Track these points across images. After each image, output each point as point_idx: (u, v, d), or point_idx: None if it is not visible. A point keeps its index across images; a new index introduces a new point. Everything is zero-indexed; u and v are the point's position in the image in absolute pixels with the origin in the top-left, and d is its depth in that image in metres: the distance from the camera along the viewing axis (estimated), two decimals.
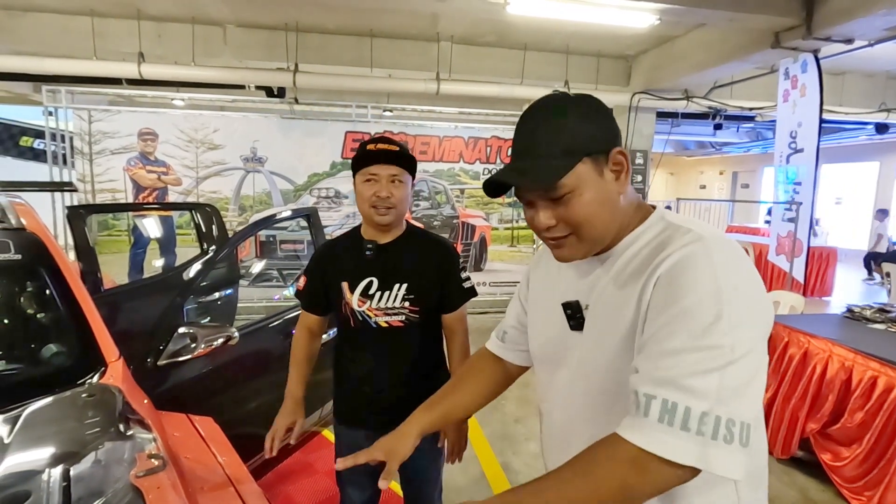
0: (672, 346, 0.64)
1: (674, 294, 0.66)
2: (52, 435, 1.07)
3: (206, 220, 2.82)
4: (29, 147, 9.25)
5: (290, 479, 2.49)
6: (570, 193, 0.73)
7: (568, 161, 0.73)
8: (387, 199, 1.31)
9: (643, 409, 0.63)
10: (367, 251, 1.37)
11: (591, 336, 0.79)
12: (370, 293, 1.37)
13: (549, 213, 0.76)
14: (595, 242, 0.78)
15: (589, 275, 0.82)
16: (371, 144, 1.34)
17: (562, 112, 0.75)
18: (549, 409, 0.92)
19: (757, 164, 13.68)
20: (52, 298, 1.39)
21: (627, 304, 0.73)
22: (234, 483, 1.18)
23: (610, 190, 0.76)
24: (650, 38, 5.62)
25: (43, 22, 4.94)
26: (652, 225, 0.78)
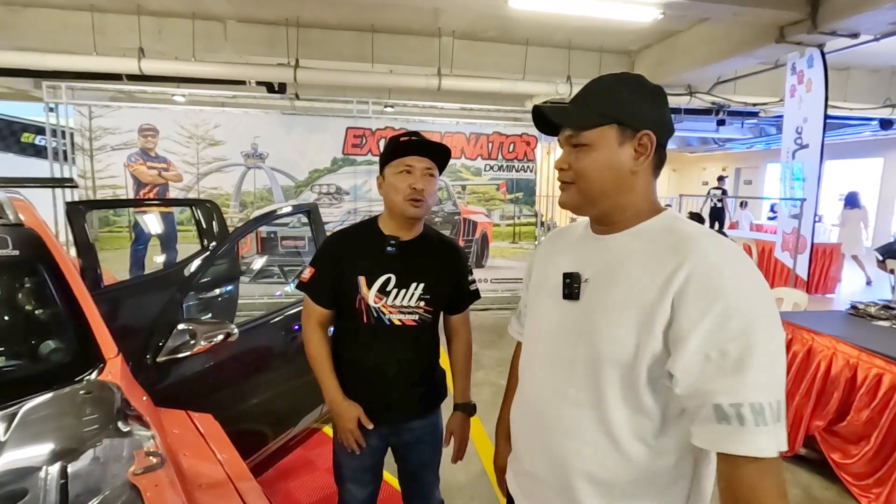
0: (732, 353, 0.69)
1: (715, 296, 0.71)
2: (50, 432, 1.06)
3: (207, 216, 2.81)
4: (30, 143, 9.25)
5: (290, 476, 2.48)
6: (587, 146, 0.82)
7: (598, 119, 0.82)
8: (422, 191, 1.30)
9: (737, 418, 0.68)
10: (390, 247, 1.34)
11: (588, 306, 0.84)
12: (388, 290, 1.34)
13: (566, 157, 0.86)
14: (589, 200, 0.85)
15: (592, 251, 0.89)
16: (405, 137, 1.33)
17: (625, 84, 0.84)
18: (529, 377, 0.96)
19: (760, 160, 13.61)
20: (51, 294, 1.38)
21: (645, 286, 0.77)
22: (234, 480, 1.17)
23: (622, 161, 0.82)
24: (653, 33, 5.58)
25: (43, 17, 4.93)
26: (665, 219, 0.85)
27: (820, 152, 4.46)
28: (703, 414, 0.71)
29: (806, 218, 4.58)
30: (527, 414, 0.95)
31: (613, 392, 0.80)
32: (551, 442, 0.88)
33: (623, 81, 0.85)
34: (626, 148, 0.82)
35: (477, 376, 3.92)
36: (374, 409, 1.40)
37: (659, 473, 0.81)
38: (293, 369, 2.16)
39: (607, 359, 0.80)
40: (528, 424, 0.94)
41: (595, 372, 0.82)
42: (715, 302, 0.70)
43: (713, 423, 0.69)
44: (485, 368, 4.08)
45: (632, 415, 0.80)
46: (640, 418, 0.79)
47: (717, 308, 0.70)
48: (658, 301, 0.75)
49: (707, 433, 0.71)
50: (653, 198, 0.87)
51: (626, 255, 0.83)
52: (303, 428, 2.27)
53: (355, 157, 5.65)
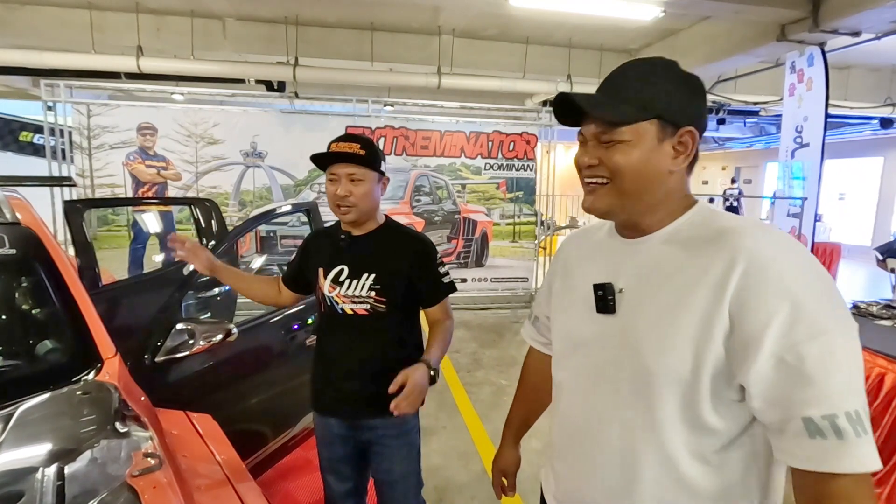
0: (811, 356, 0.61)
1: (780, 293, 0.63)
2: (47, 433, 1.05)
3: (206, 215, 2.80)
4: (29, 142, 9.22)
5: (289, 477, 2.47)
6: (623, 143, 0.74)
7: (639, 113, 0.73)
8: (345, 197, 1.36)
9: (833, 431, 0.60)
10: (341, 241, 1.44)
11: (629, 319, 0.77)
12: (340, 280, 1.43)
13: (596, 154, 0.77)
14: (625, 201, 0.77)
15: (623, 258, 0.81)
16: (333, 143, 1.39)
17: (661, 71, 0.76)
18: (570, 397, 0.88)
19: (760, 159, 13.61)
20: (48, 294, 1.37)
21: (693, 291, 0.69)
22: (233, 481, 1.16)
23: (661, 161, 0.74)
24: (654, 32, 5.56)
25: (41, 15, 4.90)
26: (699, 212, 0.77)
27: (821, 151, 4.45)
28: (790, 429, 0.63)
29: (806, 217, 4.58)
30: (573, 437, 0.87)
31: (670, 412, 0.72)
32: (605, 469, 0.80)
33: (660, 69, 0.76)
34: (666, 146, 0.74)
35: (477, 376, 3.91)
36: (334, 399, 1.47)
37: (726, 492, 0.72)
38: (292, 369, 2.15)
39: (660, 377, 0.71)
40: (577, 450, 0.86)
41: (646, 392, 0.73)
42: (781, 300, 0.62)
43: (805, 438, 0.61)
44: (485, 368, 4.07)
45: (692, 435, 0.72)
46: (702, 438, 0.71)
47: (785, 307, 0.62)
48: (713, 306, 0.67)
49: (800, 451, 0.62)
50: (686, 193, 0.79)
51: (665, 259, 0.75)
52: (302, 428, 2.26)
53: None
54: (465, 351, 4.46)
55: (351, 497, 1.55)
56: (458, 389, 3.62)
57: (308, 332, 2.19)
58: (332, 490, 1.55)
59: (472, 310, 5.51)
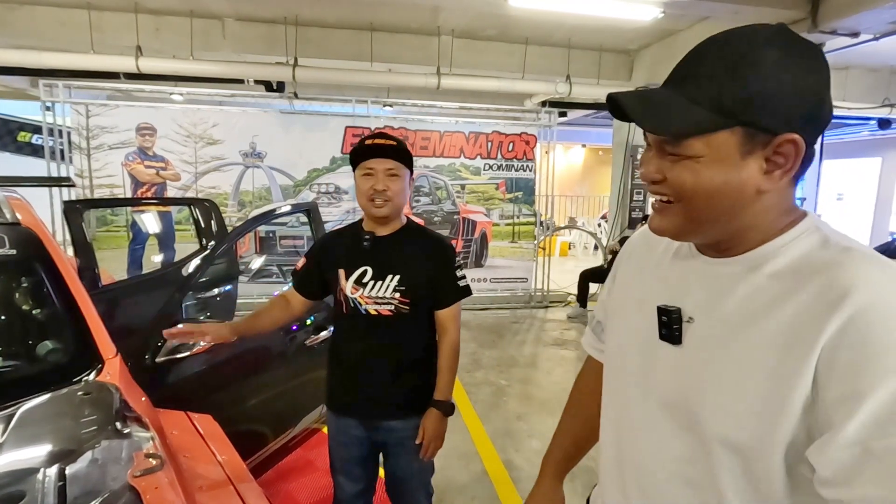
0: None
1: (884, 362, 0.47)
2: (48, 433, 1.05)
3: (205, 215, 2.79)
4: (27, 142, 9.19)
5: (290, 477, 2.47)
6: (691, 159, 0.56)
7: (713, 121, 0.54)
8: (383, 192, 1.37)
9: None
10: (365, 241, 1.42)
11: (692, 358, 0.62)
12: (364, 281, 1.42)
13: (660, 165, 0.60)
14: (698, 228, 0.61)
15: (699, 280, 0.65)
16: (369, 140, 1.40)
17: (752, 55, 0.54)
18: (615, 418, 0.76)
19: None
20: (48, 294, 1.37)
21: (773, 339, 0.54)
22: (234, 481, 1.16)
23: (745, 180, 0.56)
24: (653, 32, 5.57)
25: (39, 15, 4.89)
26: (803, 235, 0.58)
27: (819, 152, 4.46)
28: None
29: None
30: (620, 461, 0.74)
31: (730, 479, 0.58)
32: None
33: (757, 49, 0.53)
34: (753, 160, 0.55)
35: (476, 376, 3.91)
36: (352, 398, 1.48)
37: None
38: (293, 369, 2.15)
39: (718, 440, 0.58)
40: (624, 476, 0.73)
41: (705, 450, 0.60)
42: (890, 369, 0.47)
43: None
44: (484, 368, 4.07)
45: None
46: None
47: (891, 383, 0.47)
48: (796, 361, 0.52)
49: None
50: (787, 208, 0.60)
51: (751, 291, 0.58)
52: (303, 428, 2.26)
53: None
54: (465, 351, 4.45)
55: (360, 498, 1.56)
56: (458, 390, 3.63)
57: (308, 332, 2.19)
58: (344, 491, 1.55)
59: (471, 310, 5.51)
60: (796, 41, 0.55)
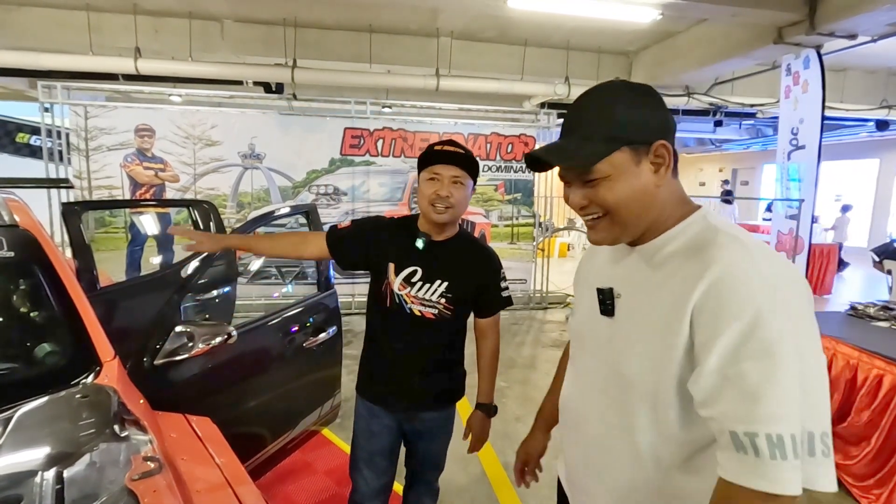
0: (751, 375, 0.63)
1: (735, 309, 0.64)
2: (46, 436, 1.04)
3: (204, 216, 2.78)
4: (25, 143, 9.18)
5: (289, 479, 2.47)
6: (604, 179, 0.75)
7: (606, 147, 0.74)
8: (446, 198, 1.38)
9: (752, 449, 0.62)
10: (421, 243, 1.44)
11: (622, 325, 0.81)
12: (412, 281, 1.44)
13: (582, 194, 0.78)
14: (626, 229, 0.79)
15: (623, 264, 0.85)
16: (438, 146, 1.42)
17: (613, 98, 0.76)
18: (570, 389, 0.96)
19: (757, 161, 13.67)
20: (46, 297, 1.36)
21: (666, 303, 0.72)
22: (232, 484, 1.15)
23: (645, 181, 0.75)
24: (651, 34, 5.58)
25: (38, 16, 4.89)
26: (692, 224, 0.77)
27: (817, 153, 4.47)
28: (722, 441, 0.66)
29: (804, 219, 4.59)
30: (570, 422, 0.95)
31: (642, 417, 0.76)
32: (590, 457, 0.88)
33: (613, 96, 0.76)
34: (644, 165, 0.75)
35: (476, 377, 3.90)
36: (390, 394, 1.52)
37: (692, 499, 0.74)
38: (292, 371, 2.14)
39: (632, 382, 0.76)
40: (572, 436, 0.94)
41: (624, 396, 0.78)
42: (734, 316, 0.64)
43: (731, 451, 0.64)
44: None
45: (661, 441, 0.75)
46: (671, 445, 0.75)
47: (737, 325, 0.63)
48: (678, 316, 0.69)
49: (726, 461, 0.65)
50: (680, 198, 0.80)
51: (654, 268, 0.78)
52: (302, 430, 2.25)
53: (353, 158, 5.63)
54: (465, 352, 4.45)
55: (381, 495, 1.60)
56: None
57: (306, 334, 2.18)
58: (368, 486, 1.57)
59: None
60: (636, 87, 0.78)
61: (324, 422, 2.40)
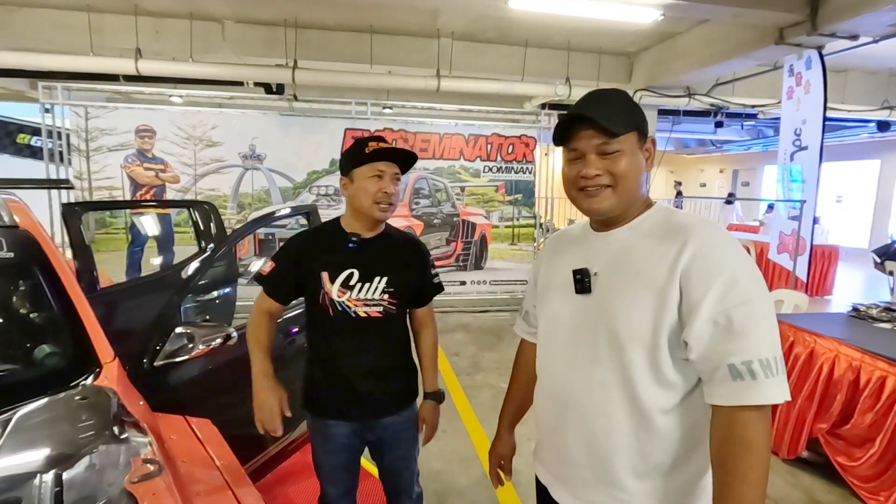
0: (738, 317, 0.79)
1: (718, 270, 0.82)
2: (45, 438, 1.03)
3: (204, 217, 2.78)
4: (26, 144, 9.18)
5: (289, 481, 2.46)
6: (619, 152, 0.90)
7: (628, 126, 0.90)
8: (390, 195, 1.39)
9: (749, 374, 0.78)
10: (351, 243, 1.41)
11: (603, 296, 0.93)
12: (350, 284, 1.41)
13: (599, 164, 0.91)
14: (624, 200, 0.92)
15: (597, 248, 0.98)
16: (373, 143, 1.39)
17: (625, 97, 0.95)
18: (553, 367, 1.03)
19: (758, 162, 13.65)
20: (46, 298, 1.36)
21: (653, 270, 0.87)
22: (232, 487, 1.14)
23: (640, 164, 0.93)
24: (652, 35, 5.58)
25: (39, 17, 4.89)
26: (659, 211, 0.96)
27: (819, 154, 4.46)
28: (718, 375, 0.81)
29: (805, 220, 4.58)
30: (556, 404, 1.02)
31: (639, 369, 0.88)
32: (586, 425, 0.95)
33: (624, 95, 0.96)
34: (642, 152, 0.93)
35: (476, 379, 3.90)
36: (347, 403, 1.46)
37: (686, 436, 0.89)
38: (291, 373, 2.13)
39: (629, 339, 0.88)
40: (560, 413, 1.00)
41: (619, 354, 0.89)
42: (718, 275, 0.81)
43: (728, 381, 0.79)
44: (484, 371, 4.06)
45: (657, 388, 0.88)
46: (665, 391, 0.88)
47: (720, 280, 0.81)
48: (668, 281, 0.84)
49: (723, 390, 0.80)
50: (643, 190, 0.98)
51: (632, 246, 0.92)
52: (301, 432, 2.24)
53: None
54: (465, 354, 4.45)
55: (346, 497, 1.59)
56: (458, 393, 3.61)
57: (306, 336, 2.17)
58: (330, 494, 1.57)
59: (471, 312, 5.49)
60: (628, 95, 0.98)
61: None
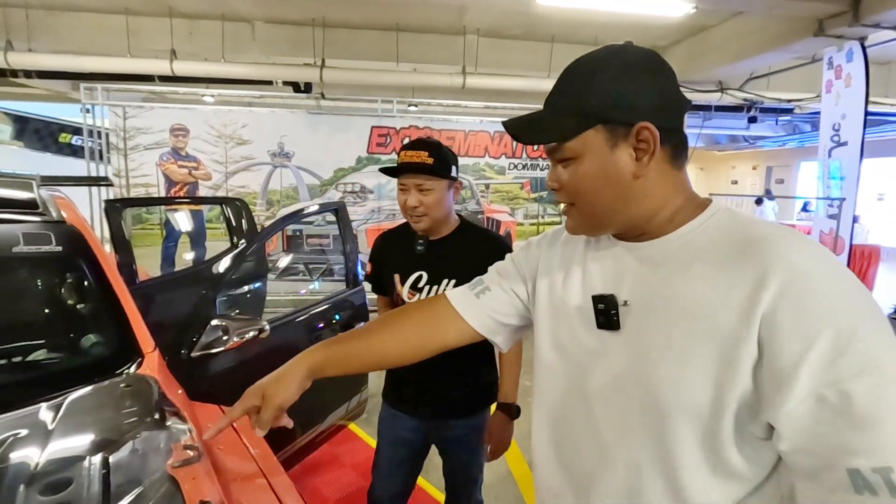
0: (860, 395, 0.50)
1: (822, 317, 0.53)
2: (92, 423, 1.09)
3: (237, 214, 2.84)
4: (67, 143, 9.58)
5: (317, 472, 2.51)
6: (573, 160, 0.66)
7: (578, 123, 0.65)
8: (415, 208, 1.36)
9: (887, 487, 0.49)
10: (419, 246, 1.42)
11: (637, 339, 0.66)
12: (419, 287, 1.43)
13: (556, 175, 0.70)
14: (595, 221, 0.69)
15: (626, 265, 0.69)
16: (402, 151, 1.38)
17: (598, 67, 0.65)
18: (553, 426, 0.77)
19: (793, 158, 13.19)
20: (91, 290, 1.42)
21: (717, 308, 0.59)
22: (267, 475, 1.18)
23: (620, 168, 0.64)
24: (683, 28, 5.45)
25: (81, 21, 5.08)
26: (714, 218, 0.65)
27: (860, 150, 4.29)
28: (830, 480, 0.52)
29: (844, 218, 4.42)
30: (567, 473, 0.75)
31: (688, 452, 0.62)
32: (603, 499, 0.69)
33: (598, 65, 0.65)
34: (622, 149, 0.64)
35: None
36: (415, 400, 1.49)
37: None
38: None
39: (676, 410, 0.61)
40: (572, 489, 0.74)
41: (658, 425, 0.63)
42: (825, 324, 0.52)
43: (850, 493, 0.50)
44: None
45: (714, 479, 0.62)
46: (726, 482, 0.62)
47: (829, 333, 0.52)
48: (740, 329, 0.56)
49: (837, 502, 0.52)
50: (687, 193, 0.68)
51: (678, 269, 0.64)
52: (329, 424, 2.29)
53: (380, 156, 5.67)
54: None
55: (398, 498, 1.57)
56: None
57: (334, 329, 2.21)
58: (384, 489, 1.56)
59: None
60: (632, 54, 0.66)
61: (351, 416, 2.43)
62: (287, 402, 0.87)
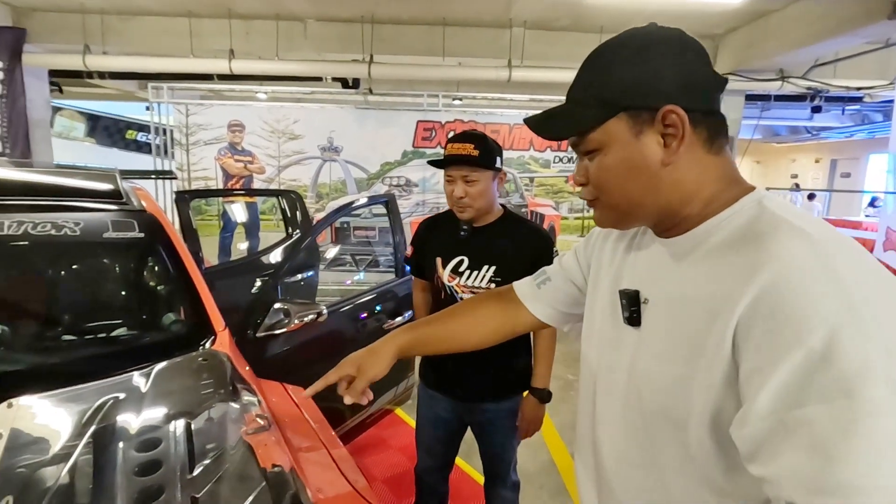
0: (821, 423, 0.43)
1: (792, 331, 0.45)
2: (176, 392, 1.20)
3: (292, 206, 3.00)
4: (133, 139, 10.23)
5: (365, 453, 2.62)
6: (597, 151, 0.62)
7: (598, 113, 0.60)
8: (461, 198, 1.42)
9: None
10: (462, 232, 1.48)
11: (649, 339, 0.64)
12: (460, 271, 1.48)
13: (583, 169, 0.66)
14: (623, 215, 0.65)
15: (652, 261, 0.67)
16: (449, 144, 1.43)
17: (615, 52, 0.61)
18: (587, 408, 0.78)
19: (861, 150, 12.32)
20: (169, 273, 1.55)
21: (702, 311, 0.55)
22: (327, 446, 1.27)
23: (646, 155, 0.59)
24: (741, 15, 5.20)
25: (148, 24, 5.42)
26: (743, 209, 0.58)
27: None
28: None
29: None
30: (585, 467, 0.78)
31: (670, 456, 0.60)
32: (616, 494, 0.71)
33: (617, 47, 0.61)
34: (649, 136, 0.59)
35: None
36: (451, 381, 1.54)
37: None
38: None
39: (656, 412, 0.60)
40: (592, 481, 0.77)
41: (647, 427, 0.62)
42: (797, 338, 0.45)
43: None
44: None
45: (696, 489, 0.58)
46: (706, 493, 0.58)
47: (799, 349, 0.44)
48: (715, 333, 0.52)
49: None
50: (726, 180, 0.61)
51: (690, 266, 0.60)
52: (378, 408, 2.39)
53: (425, 150, 5.76)
54: None
55: (439, 472, 1.69)
56: None
57: (379, 319, 2.29)
58: (426, 462, 1.68)
59: None
60: (652, 34, 0.61)
61: (398, 401, 2.52)
62: (378, 376, 0.92)
